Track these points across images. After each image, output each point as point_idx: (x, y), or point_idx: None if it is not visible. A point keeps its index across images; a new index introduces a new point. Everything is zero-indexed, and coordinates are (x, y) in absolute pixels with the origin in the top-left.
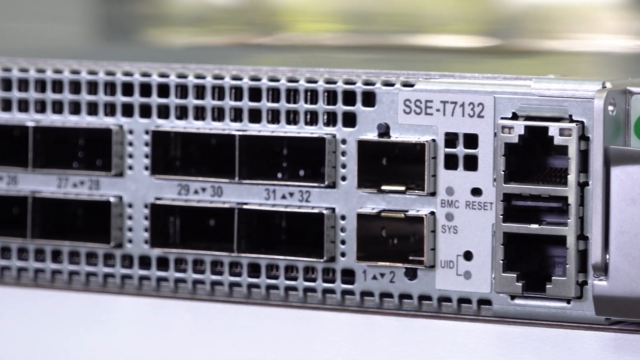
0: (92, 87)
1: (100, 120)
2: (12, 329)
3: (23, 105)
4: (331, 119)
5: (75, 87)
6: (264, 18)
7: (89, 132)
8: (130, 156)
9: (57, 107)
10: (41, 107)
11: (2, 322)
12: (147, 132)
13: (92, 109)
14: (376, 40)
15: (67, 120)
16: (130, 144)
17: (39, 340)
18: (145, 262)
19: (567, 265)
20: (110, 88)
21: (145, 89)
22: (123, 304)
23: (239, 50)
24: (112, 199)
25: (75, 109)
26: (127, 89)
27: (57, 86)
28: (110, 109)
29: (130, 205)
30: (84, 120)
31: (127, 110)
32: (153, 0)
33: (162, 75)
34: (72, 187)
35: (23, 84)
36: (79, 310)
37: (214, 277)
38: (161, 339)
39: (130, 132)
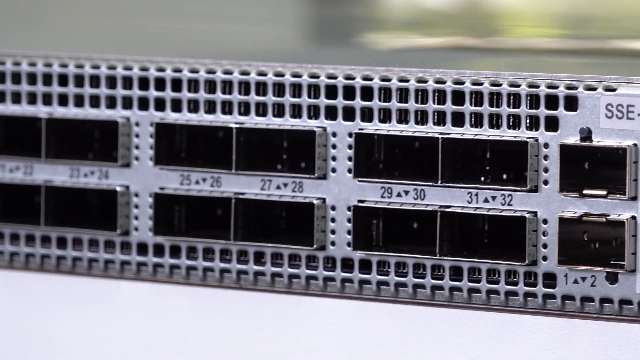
0: (296, 90)
1: (304, 123)
2: (216, 330)
3: (227, 107)
4: (533, 123)
5: (279, 89)
6: (479, 22)
7: (293, 134)
8: (334, 159)
9: (261, 109)
10: (245, 109)
11: (204, 324)
12: (350, 135)
13: (296, 111)
14: (591, 44)
15: (271, 122)
16: (334, 146)
17: (240, 342)
18: (347, 264)
19: None
20: (314, 91)
21: (349, 92)
22: (325, 306)
23: (451, 53)
24: (315, 202)
25: (279, 111)
26: (331, 92)
27: (262, 88)
28: (313, 112)
29: (333, 208)
30: (288, 122)
31: (331, 113)
32: (367, 3)
33: (366, 79)
34: (275, 189)
35: (227, 86)
36: (281, 312)
37: (416, 280)
38: (362, 341)
39: (334, 134)
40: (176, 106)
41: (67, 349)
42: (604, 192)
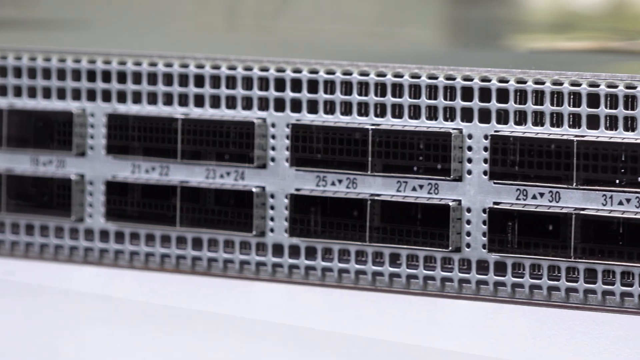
0: (432, 91)
1: (440, 124)
2: (351, 331)
3: (363, 109)
4: None
5: (415, 91)
6: (621, 24)
7: (428, 135)
8: (469, 161)
9: (397, 111)
10: (381, 110)
11: (340, 325)
12: (485, 137)
13: (432, 113)
14: None
15: (407, 123)
16: (469, 148)
17: (374, 343)
18: (482, 266)
19: None
20: (450, 92)
21: (485, 94)
22: (460, 307)
23: (588, 55)
24: (451, 203)
25: (415, 112)
26: (467, 94)
27: (398, 90)
28: (450, 113)
29: (468, 210)
30: (424, 124)
31: (466, 115)
32: (509, 5)
33: (501, 81)
34: (411, 191)
35: (364, 87)
36: (416, 314)
37: (551, 282)
38: (497, 342)
39: (469, 136)
40: (312, 107)
41: (203, 349)
42: None
